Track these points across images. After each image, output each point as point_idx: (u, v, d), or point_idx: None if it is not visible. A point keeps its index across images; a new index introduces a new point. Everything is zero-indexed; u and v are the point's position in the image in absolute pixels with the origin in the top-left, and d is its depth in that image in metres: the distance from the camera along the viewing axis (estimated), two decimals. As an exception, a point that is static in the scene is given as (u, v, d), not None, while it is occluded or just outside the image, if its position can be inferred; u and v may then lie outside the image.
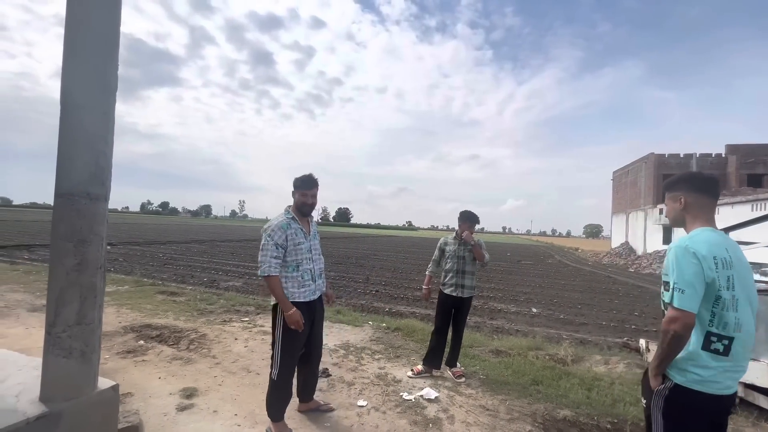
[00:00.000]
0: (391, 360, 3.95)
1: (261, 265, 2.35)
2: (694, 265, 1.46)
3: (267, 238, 2.37)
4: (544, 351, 4.58)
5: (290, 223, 2.44)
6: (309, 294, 2.49)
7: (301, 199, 2.52)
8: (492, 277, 13.73)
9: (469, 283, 3.58)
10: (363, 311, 7.15)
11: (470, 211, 3.65)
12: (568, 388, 3.41)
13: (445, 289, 3.63)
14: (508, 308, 8.35)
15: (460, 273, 3.58)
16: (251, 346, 4.11)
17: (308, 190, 2.53)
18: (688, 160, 32.23)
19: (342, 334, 4.78)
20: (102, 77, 2.10)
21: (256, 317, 5.38)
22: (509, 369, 3.84)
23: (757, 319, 3.02)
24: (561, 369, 3.91)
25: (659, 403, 1.53)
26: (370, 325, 5.31)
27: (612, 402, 3.16)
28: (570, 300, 9.90)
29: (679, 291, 1.45)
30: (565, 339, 5.91)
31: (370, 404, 2.95)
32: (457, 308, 3.61)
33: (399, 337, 4.83)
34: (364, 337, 4.70)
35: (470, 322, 6.93)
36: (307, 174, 2.54)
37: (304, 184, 2.53)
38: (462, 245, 3.62)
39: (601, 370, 4.04)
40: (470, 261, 3.59)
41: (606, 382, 3.57)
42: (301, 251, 2.44)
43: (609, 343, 5.73)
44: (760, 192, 22.45)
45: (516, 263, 20.66)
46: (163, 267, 11.57)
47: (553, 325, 7.13)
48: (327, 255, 17.90)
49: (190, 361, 3.59)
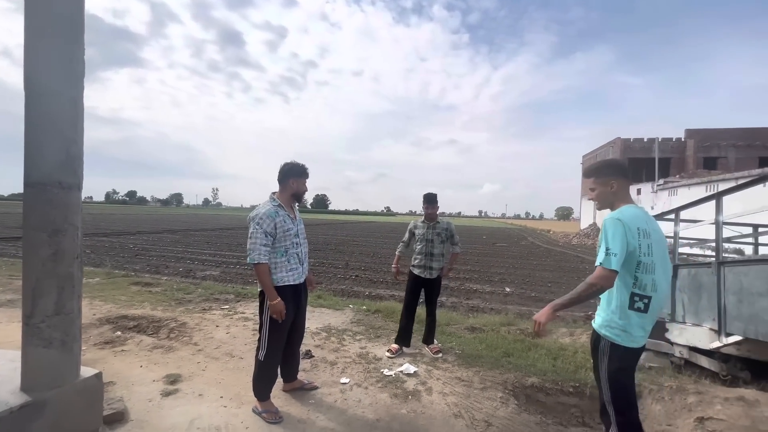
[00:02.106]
0: (372, 340, 4.09)
1: (250, 253, 2.38)
2: (622, 233, 1.71)
3: (256, 227, 2.40)
4: (516, 326, 4.87)
5: (278, 211, 2.48)
6: (297, 277, 2.56)
7: (301, 187, 2.58)
8: (468, 260, 14.14)
9: (437, 265, 3.72)
10: (343, 295, 7.26)
11: (430, 193, 3.77)
12: (536, 358, 3.67)
13: (414, 269, 3.79)
14: (484, 288, 8.70)
15: (428, 255, 3.71)
16: (233, 332, 4.14)
17: (307, 178, 2.61)
18: (651, 144, 33.86)
19: (323, 318, 4.88)
20: (68, 61, 2.03)
21: (236, 305, 5.38)
22: (483, 344, 4.07)
23: (700, 289, 3.36)
24: (530, 342, 4.18)
25: (603, 360, 1.80)
26: (351, 309, 5.43)
27: (575, 368, 3.44)
28: (541, 279, 10.40)
29: (612, 254, 1.69)
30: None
31: (352, 381, 3.08)
32: (426, 289, 3.76)
33: (379, 318, 4.98)
34: (345, 320, 4.82)
35: (447, 302, 7.20)
36: (301, 163, 2.59)
37: (305, 172, 2.59)
38: (431, 228, 3.75)
39: (567, 342, 4.35)
40: (438, 244, 3.74)
41: (570, 352, 3.86)
42: (289, 236, 2.49)
43: (574, 317, 6.12)
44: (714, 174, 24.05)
45: (491, 246, 21.32)
46: (134, 258, 11.21)
47: (524, 302, 7.52)
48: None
49: (171, 349, 3.60)
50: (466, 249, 18.11)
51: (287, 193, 2.57)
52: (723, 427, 2.48)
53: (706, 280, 3.28)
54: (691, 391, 2.90)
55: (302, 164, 2.58)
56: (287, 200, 2.58)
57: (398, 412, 2.65)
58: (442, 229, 3.78)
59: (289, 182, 2.55)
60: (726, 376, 3.13)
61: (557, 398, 3.03)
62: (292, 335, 2.68)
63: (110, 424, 2.32)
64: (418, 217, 3.94)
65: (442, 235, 3.77)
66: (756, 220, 3.61)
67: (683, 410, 2.74)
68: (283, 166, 2.57)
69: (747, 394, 2.74)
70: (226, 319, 4.60)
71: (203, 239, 18.14)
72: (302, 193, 2.60)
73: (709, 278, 3.22)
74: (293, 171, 2.56)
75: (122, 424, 2.35)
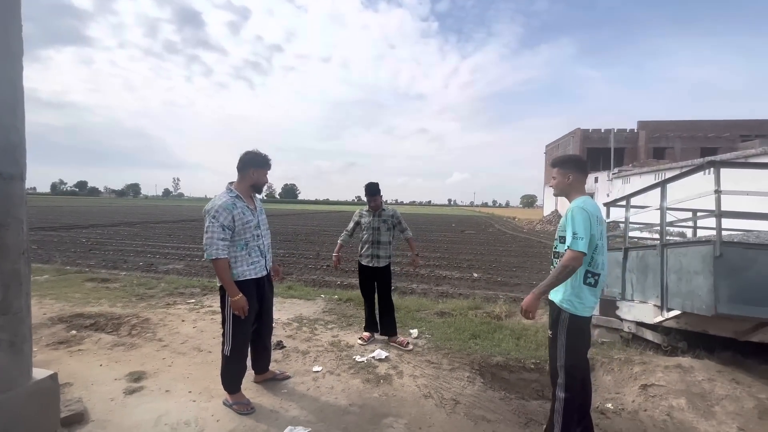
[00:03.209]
0: (344, 328, 4.13)
1: (207, 248, 2.30)
2: (587, 220, 1.95)
3: (212, 220, 2.31)
4: (482, 309, 5.08)
5: (235, 202, 2.39)
6: (259, 270, 2.51)
7: (261, 178, 2.51)
8: (438, 247, 14.47)
9: (384, 253, 3.72)
10: (315, 285, 7.24)
11: (371, 184, 3.75)
12: (501, 339, 3.87)
13: (362, 260, 3.80)
14: (452, 275, 8.96)
15: (375, 244, 3.72)
16: (200, 326, 4.05)
17: (268, 170, 2.55)
18: (608, 135, 35.81)
19: (295, 308, 4.85)
20: (3, 37, 1.85)
21: (203, 298, 5.24)
22: (452, 327, 4.22)
23: (647, 269, 3.66)
24: (496, 324, 4.40)
25: (563, 330, 2.02)
26: (323, 298, 5.44)
27: (536, 347, 3.67)
28: (506, 264, 10.85)
29: (580, 238, 1.92)
30: (500, 298, 6.55)
31: (324, 369, 3.12)
32: (376, 278, 3.79)
33: (351, 307, 5.03)
34: (316, 310, 4.83)
35: (418, 289, 7.37)
36: (263, 153, 2.51)
37: (267, 163, 2.52)
38: (377, 217, 3.77)
39: (529, 323, 4.61)
40: (385, 231, 3.75)
41: (532, 332, 4.10)
42: (249, 228, 2.43)
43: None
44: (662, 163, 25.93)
45: (460, 233, 21.88)
46: (88, 253, 10.54)
47: (491, 287, 7.83)
48: (275, 233, 17.49)
49: (134, 347, 3.46)
50: (436, 237, 18.50)
51: (246, 183, 2.49)
52: (663, 392, 2.76)
53: (651, 261, 3.57)
54: (637, 362, 3.19)
55: (264, 154, 2.52)
56: (245, 190, 2.50)
57: (370, 396, 2.72)
58: (388, 216, 3.78)
59: (249, 172, 2.48)
60: (667, 347, 3.47)
61: (519, 375, 3.22)
62: (260, 329, 2.66)
63: (69, 426, 2.22)
64: (364, 207, 3.90)
65: (389, 222, 3.78)
66: (695, 206, 3.96)
67: (630, 379, 3.02)
68: (243, 154, 2.49)
69: (683, 362, 3.06)
70: (193, 314, 4.48)
71: (164, 231, 17.45)
72: (262, 184, 2.54)
73: (654, 259, 3.51)
74: (255, 161, 2.48)
75: (82, 426, 2.25)
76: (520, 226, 31.89)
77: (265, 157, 2.52)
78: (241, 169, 2.49)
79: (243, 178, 2.50)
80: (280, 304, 4.99)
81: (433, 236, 19.00)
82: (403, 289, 7.30)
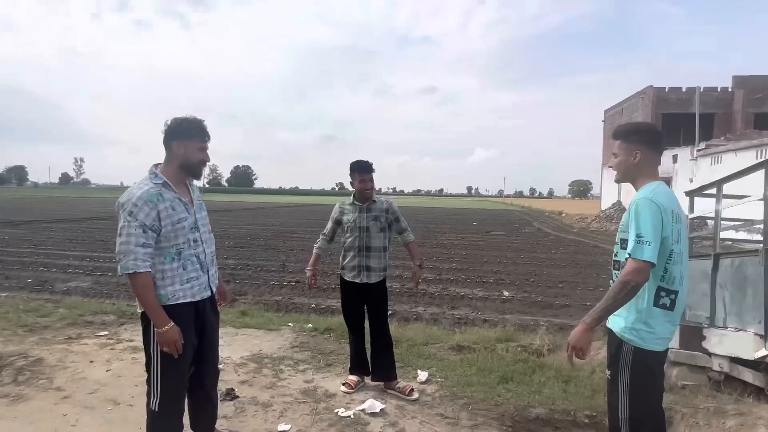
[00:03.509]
0: (321, 370, 4.15)
1: (121, 259, 2.26)
2: (658, 218, 1.95)
3: (128, 218, 2.27)
4: (516, 342, 5.13)
5: (162, 193, 2.36)
6: (199, 290, 2.49)
7: (192, 155, 2.44)
8: (453, 255, 14.56)
9: (377, 263, 3.73)
10: (279, 310, 7.27)
11: (361, 161, 3.75)
12: (543, 383, 3.91)
13: (345, 273, 3.80)
14: (474, 293, 9.04)
15: (363, 251, 3.71)
16: (116, 369, 4.05)
17: (204, 142, 2.48)
18: (691, 96, 36.08)
19: (251, 343, 4.87)
20: None
21: (119, 329, 5.24)
22: (473, 367, 4.26)
23: (745, 284, 3.71)
24: (535, 362, 4.44)
25: (625, 369, 2.04)
26: (291, 328, 5.46)
27: (591, 393, 3.71)
28: (549, 278, 10.97)
29: (646, 243, 1.91)
30: (542, 326, 6.63)
31: (294, 427, 3.14)
32: (367, 299, 3.80)
33: (331, 340, 5.06)
34: (282, 344, 4.85)
35: (425, 313, 7.42)
36: (196, 117, 2.47)
37: (199, 131, 2.45)
38: (365, 212, 3.75)
39: (581, 362, 4.66)
40: (377, 233, 3.73)
41: (586, 372, 4.14)
42: (183, 231, 2.41)
43: (592, 327, 6.56)
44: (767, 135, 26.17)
45: (484, 235, 22.02)
46: (-48, 266, 10.44)
47: (528, 310, 7.93)
48: (223, 236, 17.51)
49: (21, 399, 3.45)
50: (451, 241, 18.61)
51: (174, 164, 2.45)
52: (767, 455, 2.81)
53: (752, 272, 3.62)
54: (731, 413, 3.23)
55: (195, 119, 2.46)
56: (176, 175, 2.46)
57: (359, 465, 2.74)
58: (380, 211, 3.78)
59: (173, 146, 2.43)
60: (773, 392, 3.52)
61: (569, 433, 3.27)
62: (202, 372, 2.65)
63: None
64: (347, 197, 3.90)
65: (381, 220, 3.77)
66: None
67: (722, 437, 3.06)
68: (168, 123, 2.45)
69: (796, 413, 3.11)
70: (106, 351, 4.48)
71: (63, 234, 17.38)
72: (195, 163, 2.48)
73: (755, 269, 3.56)
74: (180, 129, 2.42)
75: None
76: (568, 224, 32.18)
77: (196, 122, 2.45)
78: (166, 144, 2.45)
79: (170, 157, 2.45)
80: (231, 337, 4.99)
81: (446, 240, 19.12)
82: (405, 314, 7.33)
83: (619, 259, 2.12)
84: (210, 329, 2.63)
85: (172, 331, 2.32)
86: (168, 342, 2.32)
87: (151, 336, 2.39)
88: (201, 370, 2.65)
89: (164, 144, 2.47)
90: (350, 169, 3.77)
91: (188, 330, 2.44)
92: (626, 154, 2.13)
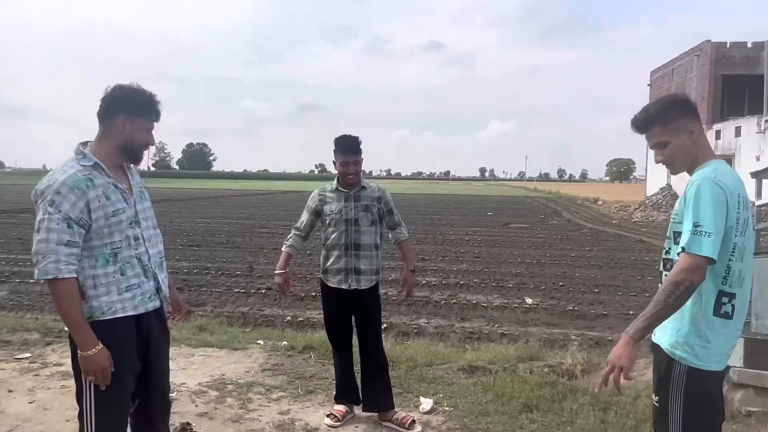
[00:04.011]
0: (300, 398, 4.17)
1: (38, 260, 2.24)
2: (722, 205, 1.92)
3: (48, 209, 2.25)
4: (542, 361, 5.17)
5: (92, 178, 2.34)
6: (142, 300, 2.47)
7: (138, 135, 2.45)
8: (463, 254, 14.59)
9: (368, 265, 3.75)
10: (247, 324, 7.27)
11: (348, 136, 3.76)
12: (575, 412, 3.94)
13: (328, 278, 3.81)
14: (489, 301, 9.08)
15: (350, 249, 3.72)
16: (42, 400, 4.05)
17: (154, 120, 2.49)
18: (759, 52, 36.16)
19: (212, 365, 4.88)
20: None
21: (45, 350, 5.24)
22: (489, 393, 4.29)
23: None
24: (566, 385, 4.48)
25: (678, 395, 2.03)
26: (261, 346, 5.48)
27: (635, 424, 3.75)
28: (583, 281, 11.01)
29: (705, 234, 1.89)
30: (573, 341, 6.67)
31: (267, 470, 3.16)
32: (355, 309, 3.81)
33: (311, 360, 5.08)
34: (251, 367, 4.86)
35: (429, 327, 7.44)
36: (145, 90, 2.46)
37: (150, 107, 2.46)
38: (352, 201, 3.75)
39: (625, 384, 4.70)
40: (367, 227, 3.76)
41: (629, 397, 4.18)
42: (119, 226, 2.40)
43: (636, 341, 6.61)
44: None
45: (501, 228, 22.05)
46: None
47: (556, 321, 7.97)
48: (173, 232, 17.46)
49: None
50: (460, 236, 18.64)
51: (113, 142, 2.44)
52: None
53: None
54: (808, 446, 3.27)
55: (146, 91, 2.47)
56: (111, 156, 2.45)
57: None
58: (371, 200, 3.80)
59: (116, 122, 2.42)
60: None
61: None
62: (148, 403, 2.63)
63: None
64: (327, 183, 3.92)
65: (373, 210, 3.79)
66: None
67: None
68: (110, 91, 2.43)
69: None
70: (27, 378, 4.49)
71: (-29, 232, 17.13)
72: (140, 146, 2.50)
73: None
74: (128, 102, 2.42)
75: None
76: (606, 213, 32.31)
77: (149, 96, 2.46)
78: (104, 117, 2.43)
79: (107, 133, 2.44)
80: (186, 359, 5.00)
81: (454, 235, 19.14)
82: (404, 328, 7.34)
83: (671, 257, 2.10)
84: (158, 349, 2.61)
85: (100, 355, 2.28)
86: (93, 369, 2.28)
87: None
88: (148, 401, 2.63)
89: (101, 116, 2.44)
90: (335, 147, 3.77)
91: (128, 351, 2.42)
92: (678, 134, 2.10)
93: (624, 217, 29.71)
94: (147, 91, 2.48)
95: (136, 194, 2.53)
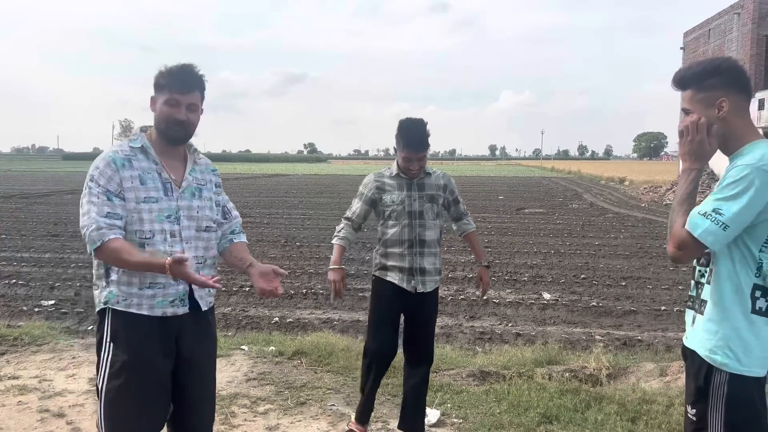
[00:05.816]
0: (290, 411, 4.18)
1: (84, 233, 2.40)
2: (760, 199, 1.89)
3: (89, 184, 2.46)
4: (563, 365, 5.18)
5: (131, 159, 2.51)
6: (161, 302, 2.50)
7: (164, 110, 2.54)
8: (473, 243, 14.57)
9: (432, 264, 3.76)
10: (228, 326, 7.30)
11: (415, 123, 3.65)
12: (601, 422, 3.94)
13: (387, 275, 3.75)
14: (502, 297, 9.07)
15: (415, 246, 3.71)
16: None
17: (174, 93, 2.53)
18: (807, 11, 35.92)
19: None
20: None
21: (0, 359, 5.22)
22: (503, 402, 4.30)
23: None
24: (590, 392, 4.48)
25: (718, 405, 2.02)
26: (245, 352, 5.50)
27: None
28: (608, 273, 11.03)
29: (721, 225, 1.90)
30: (598, 341, 6.65)
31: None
32: (412, 314, 3.80)
33: (302, 368, 5.07)
34: (233, 376, 4.88)
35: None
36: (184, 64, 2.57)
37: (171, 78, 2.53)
38: (415, 190, 3.72)
39: (654, 387, 4.71)
40: (432, 219, 3.76)
41: (661, 405, 4.19)
42: (150, 215, 2.48)
43: (668, 341, 6.61)
44: None
45: (514, 214, 22.12)
46: None
47: (578, 319, 7.97)
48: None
49: None
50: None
51: (155, 126, 2.62)
52: None
53: None
54: None
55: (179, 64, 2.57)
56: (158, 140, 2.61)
57: None
58: (436, 188, 3.80)
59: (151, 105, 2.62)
60: None
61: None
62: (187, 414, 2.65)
63: None
64: (383, 166, 3.93)
65: (438, 201, 3.80)
66: None
67: None
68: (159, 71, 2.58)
69: None
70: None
71: None
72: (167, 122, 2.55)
73: None
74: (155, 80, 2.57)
75: None
76: (634, 196, 32.31)
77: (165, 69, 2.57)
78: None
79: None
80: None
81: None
82: (406, 329, 7.34)
83: None
84: (195, 361, 2.62)
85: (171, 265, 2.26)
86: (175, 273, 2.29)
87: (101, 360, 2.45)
88: (185, 412, 2.66)
89: None
90: (399, 137, 3.68)
91: (145, 355, 2.46)
92: (705, 108, 2.07)
93: (654, 200, 29.69)
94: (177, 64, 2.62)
95: (187, 189, 2.62)
